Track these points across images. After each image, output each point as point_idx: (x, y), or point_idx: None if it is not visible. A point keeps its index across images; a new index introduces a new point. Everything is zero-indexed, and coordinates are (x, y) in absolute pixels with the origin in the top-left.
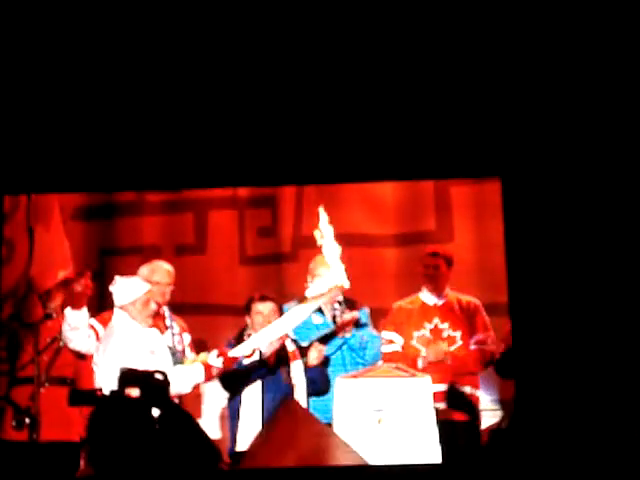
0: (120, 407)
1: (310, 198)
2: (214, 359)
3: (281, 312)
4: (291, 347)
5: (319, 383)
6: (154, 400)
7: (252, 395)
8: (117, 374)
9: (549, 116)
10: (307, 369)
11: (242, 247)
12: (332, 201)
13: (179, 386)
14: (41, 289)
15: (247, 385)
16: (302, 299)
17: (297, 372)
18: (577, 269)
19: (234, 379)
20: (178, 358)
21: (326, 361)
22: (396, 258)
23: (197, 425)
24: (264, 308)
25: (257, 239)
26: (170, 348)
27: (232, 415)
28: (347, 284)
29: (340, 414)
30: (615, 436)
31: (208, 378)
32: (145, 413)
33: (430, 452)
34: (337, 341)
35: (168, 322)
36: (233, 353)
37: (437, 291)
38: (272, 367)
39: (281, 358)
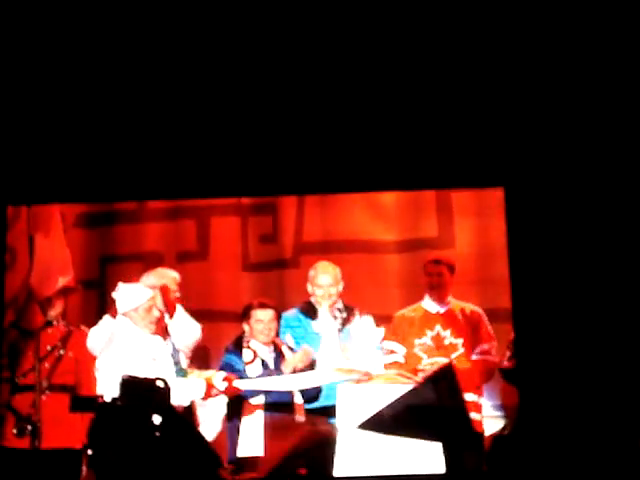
0: (121, 414)
1: (311, 204)
2: (219, 381)
3: (280, 319)
4: (287, 352)
5: (309, 390)
6: (155, 407)
7: (254, 402)
8: (118, 381)
9: (552, 126)
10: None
11: (244, 254)
12: (334, 207)
13: (178, 398)
14: (41, 296)
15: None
16: (302, 306)
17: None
18: (581, 277)
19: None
20: (180, 367)
21: (313, 364)
22: (398, 264)
23: (197, 432)
24: (264, 316)
25: (259, 245)
26: (173, 356)
27: (233, 421)
28: (375, 373)
29: (343, 421)
30: (618, 443)
31: (207, 397)
32: (146, 420)
33: (434, 461)
34: None
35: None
36: (238, 384)
37: (440, 299)
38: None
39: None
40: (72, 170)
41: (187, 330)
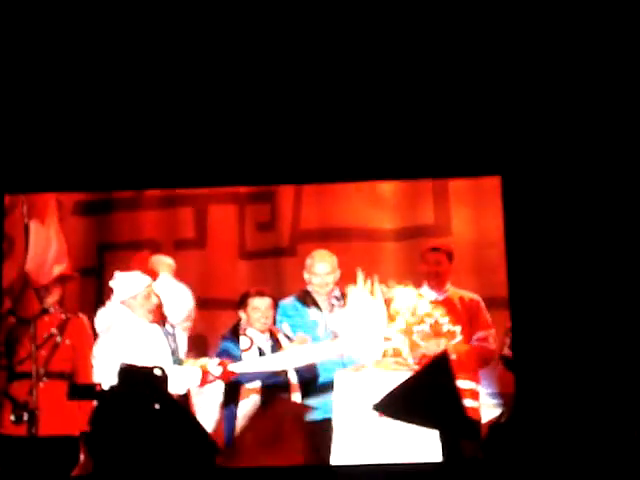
0: (118, 402)
1: (309, 193)
2: (214, 367)
3: (277, 307)
4: (284, 340)
5: (306, 371)
6: (152, 395)
7: (250, 386)
8: (116, 369)
9: (549, 115)
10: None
11: (241, 242)
12: (331, 196)
13: (174, 386)
14: (37, 284)
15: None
16: (299, 294)
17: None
18: (577, 265)
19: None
20: (177, 356)
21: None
22: (395, 252)
23: (194, 420)
24: (261, 304)
25: (256, 234)
26: (170, 345)
27: (229, 407)
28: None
29: (340, 408)
30: (615, 433)
31: (203, 384)
32: (143, 408)
33: (430, 448)
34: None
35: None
36: (233, 368)
37: (438, 287)
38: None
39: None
40: (69, 159)
41: (177, 297)
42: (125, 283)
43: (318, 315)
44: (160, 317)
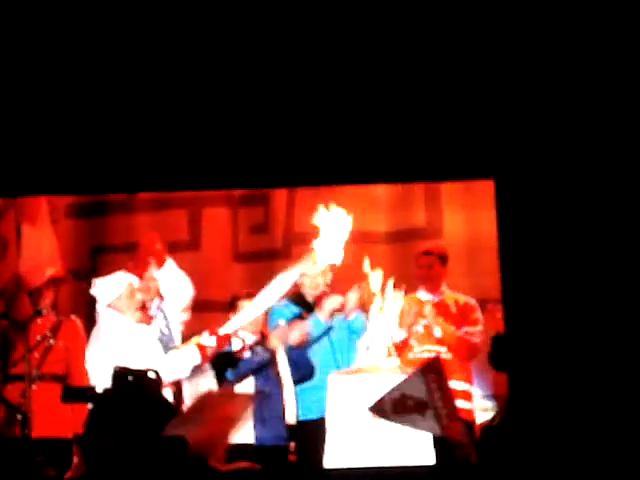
0: (112, 405)
1: (303, 195)
2: (207, 339)
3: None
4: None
5: (302, 367)
6: (146, 398)
7: (243, 388)
8: (110, 372)
9: (543, 117)
10: (289, 352)
11: (235, 244)
12: (323, 198)
13: (176, 371)
14: (30, 286)
15: (238, 378)
16: (292, 296)
17: (282, 362)
18: (571, 268)
19: (225, 370)
20: (170, 347)
21: (308, 342)
22: (388, 255)
23: None
24: None
25: (250, 236)
26: (161, 340)
27: None
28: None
29: (333, 411)
30: (609, 432)
31: (204, 359)
32: (137, 411)
33: (424, 451)
34: (321, 325)
35: (153, 312)
36: (224, 330)
37: (432, 290)
38: (262, 359)
39: (266, 350)
40: (62, 162)
41: (179, 285)
42: (106, 287)
43: (310, 316)
44: (149, 317)
